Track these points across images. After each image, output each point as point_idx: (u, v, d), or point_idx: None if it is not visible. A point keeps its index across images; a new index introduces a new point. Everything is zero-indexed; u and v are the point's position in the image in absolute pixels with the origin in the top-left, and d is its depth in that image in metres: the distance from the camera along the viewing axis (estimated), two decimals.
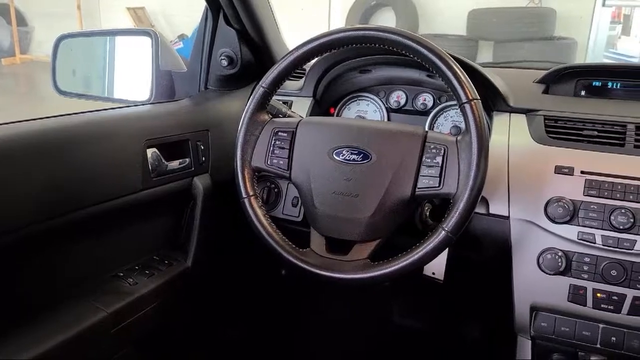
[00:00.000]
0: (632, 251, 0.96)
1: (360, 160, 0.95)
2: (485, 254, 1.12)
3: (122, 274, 1.09)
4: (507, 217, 1.05)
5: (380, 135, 0.97)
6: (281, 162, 1.01)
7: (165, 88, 1.35)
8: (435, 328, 1.68)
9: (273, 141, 1.02)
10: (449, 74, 0.89)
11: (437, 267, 1.09)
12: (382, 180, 0.94)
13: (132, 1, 7.25)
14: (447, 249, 1.06)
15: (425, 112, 1.30)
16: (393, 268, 0.90)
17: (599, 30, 5.29)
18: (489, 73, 1.13)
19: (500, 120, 1.12)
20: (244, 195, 1.01)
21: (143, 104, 1.22)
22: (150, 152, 1.08)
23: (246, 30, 1.26)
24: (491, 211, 1.06)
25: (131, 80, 1.37)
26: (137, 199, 1.05)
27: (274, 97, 1.06)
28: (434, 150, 0.92)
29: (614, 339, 1.02)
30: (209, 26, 1.31)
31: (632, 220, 0.96)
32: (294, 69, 1.00)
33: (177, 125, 1.15)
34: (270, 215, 1.03)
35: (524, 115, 1.11)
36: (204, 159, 1.20)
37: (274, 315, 1.70)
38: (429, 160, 0.92)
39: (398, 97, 1.33)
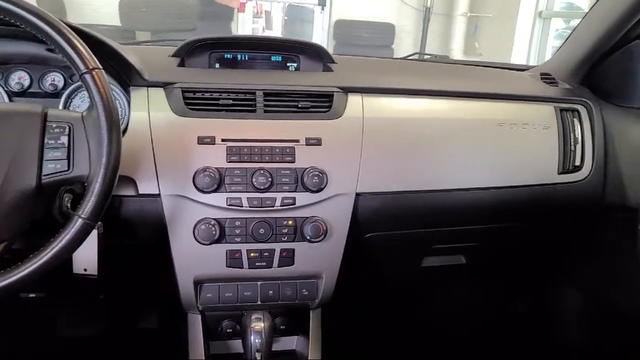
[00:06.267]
0: (274, 208, 1.04)
1: None
2: (141, 238, 1.06)
3: None
4: (158, 195, 1.01)
5: None
6: None
7: None
8: (108, 330, 1.56)
9: None
10: (62, 41, 0.79)
11: (88, 262, 0.98)
12: None
13: None
14: (96, 241, 0.97)
15: (57, 94, 1.15)
16: (23, 273, 0.76)
17: (245, 23, 5.77)
18: (120, 47, 1.06)
19: (138, 96, 1.07)
20: None
21: None
22: None
23: None
24: (140, 191, 1.01)
25: None
26: None
27: None
28: (57, 130, 0.82)
29: (271, 292, 1.10)
30: None
31: (270, 179, 1.03)
32: None
33: None
34: None
35: (162, 89, 1.08)
36: None
37: None
38: (53, 141, 0.81)
39: (20, 78, 1.14)
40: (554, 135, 1.23)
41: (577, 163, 1.25)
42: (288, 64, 1.25)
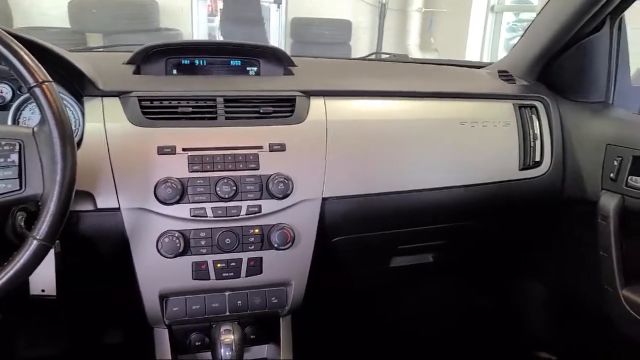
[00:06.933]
0: (239, 217, 1.02)
1: None
2: (101, 254, 1.02)
3: None
4: (118, 209, 0.97)
5: None
6: None
7: None
8: (71, 347, 1.50)
9: None
10: (7, 53, 0.75)
11: (45, 283, 0.93)
12: None
13: None
14: (54, 261, 0.92)
15: (5, 106, 1.09)
16: None
17: (200, 22, 5.68)
18: (70, 56, 1.01)
19: (92, 106, 1.02)
20: None
21: None
22: None
23: None
24: (99, 206, 0.97)
25: None
26: None
27: None
28: (6, 148, 0.78)
29: (239, 302, 1.08)
30: None
31: (234, 188, 1.00)
32: None
33: None
34: None
35: (118, 98, 1.04)
36: None
37: None
38: (2, 160, 0.77)
39: None
40: (514, 132, 1.25)
41: (537, 159, 1.27)
42: (248, 69, 1.22)
